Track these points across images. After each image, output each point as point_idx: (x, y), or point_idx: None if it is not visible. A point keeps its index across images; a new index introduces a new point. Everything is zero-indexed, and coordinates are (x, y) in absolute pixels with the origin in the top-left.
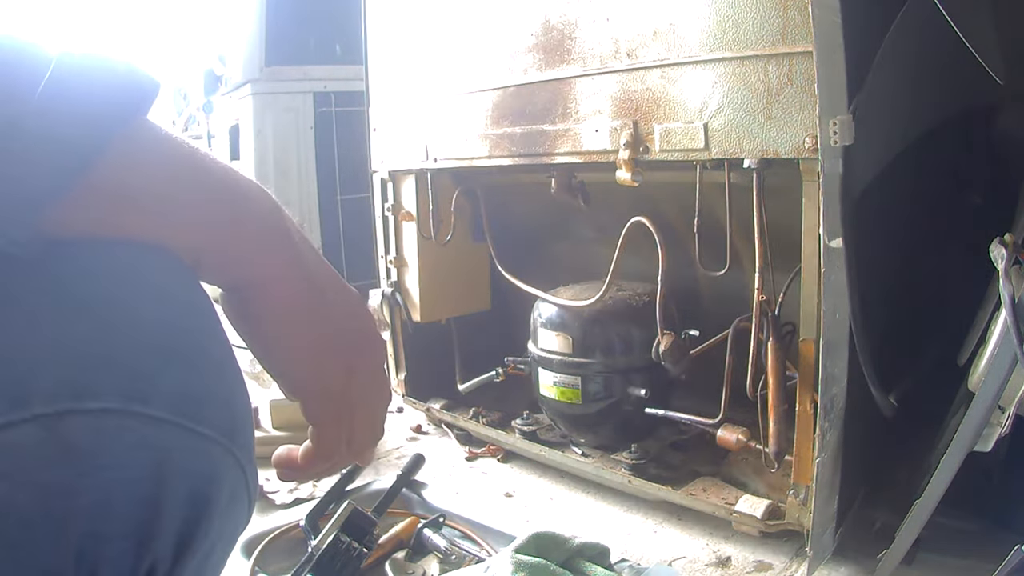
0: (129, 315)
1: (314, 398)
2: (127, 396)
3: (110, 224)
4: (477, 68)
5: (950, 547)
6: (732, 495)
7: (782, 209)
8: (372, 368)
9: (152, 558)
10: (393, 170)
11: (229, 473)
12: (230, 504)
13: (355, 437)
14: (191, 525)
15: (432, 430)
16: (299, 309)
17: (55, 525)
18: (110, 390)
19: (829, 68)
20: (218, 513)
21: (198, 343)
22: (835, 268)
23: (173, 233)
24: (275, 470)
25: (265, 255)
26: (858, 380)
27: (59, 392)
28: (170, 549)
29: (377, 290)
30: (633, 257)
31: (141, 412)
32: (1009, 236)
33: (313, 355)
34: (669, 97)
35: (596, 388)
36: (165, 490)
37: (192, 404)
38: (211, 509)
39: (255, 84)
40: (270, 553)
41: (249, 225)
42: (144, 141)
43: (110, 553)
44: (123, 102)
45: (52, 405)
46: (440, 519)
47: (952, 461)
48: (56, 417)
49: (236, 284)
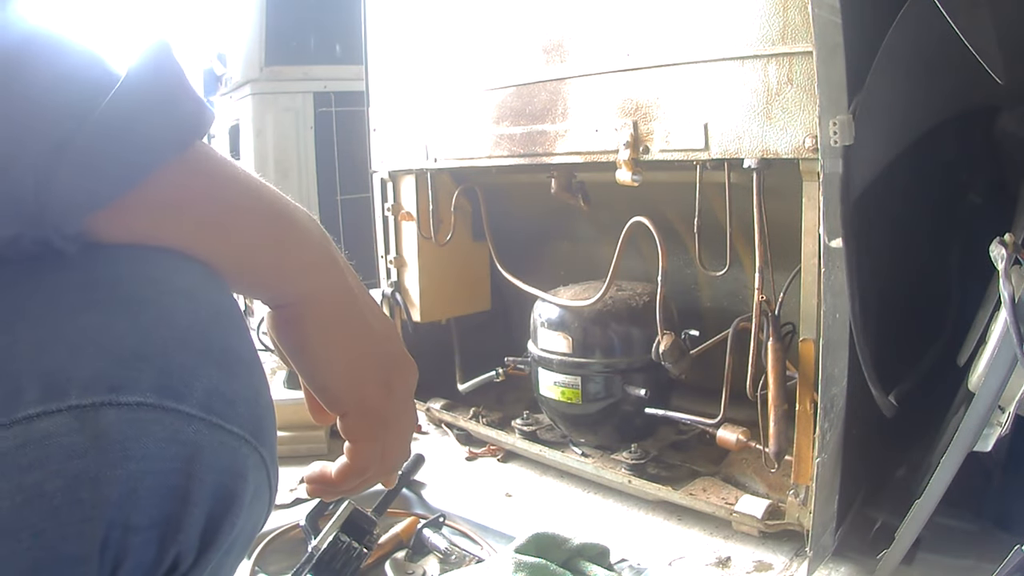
0: (165, 316)
1: (354, 413)
2: (161, 392)
3: (153, 235)
4: (477, 68)
5: (950, 547)
6: (732, 495)
7: (782, 209)
8: (407, 388)
9: (177, 550)
10: (393, 170)
11: (254, 471)
12: (253, 501)
13: (387, 454)
14: (216, 520)
15: (432, 430)
16: (344, 326)
17: (83, 514)
18: (145, 386)
19: (829, 68)
20: (243, 509)
21: (228, 345)
22: (835, 268)
23: (215, 249)
24: (306, 486)
25: (313, 275)
26: (858, 380)
27: (95, 385)
28: (195, 542)
29: (377, 290)
30: (633, 257)
31: (174, 408)
32: (1009, 236)
33: (355, 371)
34: (669, 97)
35: (596, 388)
36: (193, 484)
37: (222, 403)
38: (236, 505)
39: (255, 84)
40: (270, 553)
41: (297, 247)
42: (197, 163)
43: (136, 543)
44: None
45: (88, 397)
46: (440, 519)
47: (952, 461)
48: (91, 409)
49: (285, 300)
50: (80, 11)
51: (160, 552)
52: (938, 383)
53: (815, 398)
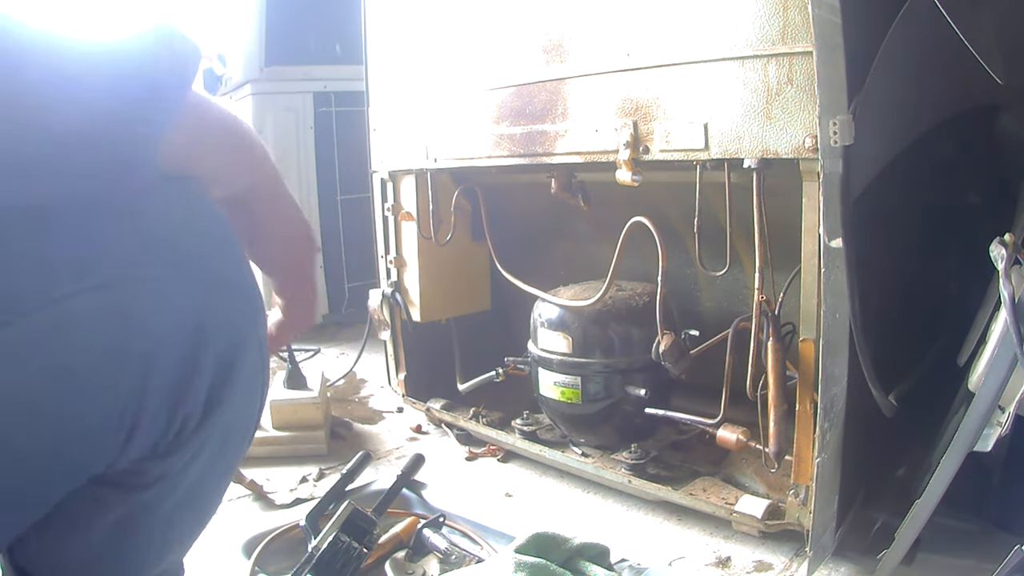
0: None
1: (289, 274)
2: (177, 271)
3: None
4: (477, 68)
5: (950, 547)
6: (732, 495)
7: (782, 209)
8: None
9: (184, 414)
10: (393, 170)
11: (250, 348)
12: (251, 378)
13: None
14: (218, 387)
15: (432, 430)
16: (279, 206)
17: (107, 386)
18: (163, 266)
19: (829, 68)
20: (240, 381)
21: (230, 243)
22: (835, 268)
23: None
24: None
25: (260, 172)
26: (858, 380)
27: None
28: (200, 406)
29: (377, 290)
30: (633, 257)
31: (187, 287)
32: (1009, 236)
33: (289, 241)
34: (669, 97)
35: (596, 388)
36: (200, 352)
37: (226, 286)
38: (235, 375)
39: (255, 84)
40: (270, 553)
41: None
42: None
43: (150, 409)
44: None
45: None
46: (440, 519)
47: (952, 461)
48: (114, 284)
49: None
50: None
51: (170, 416)
52: (938, 383)
53: (815, 398)
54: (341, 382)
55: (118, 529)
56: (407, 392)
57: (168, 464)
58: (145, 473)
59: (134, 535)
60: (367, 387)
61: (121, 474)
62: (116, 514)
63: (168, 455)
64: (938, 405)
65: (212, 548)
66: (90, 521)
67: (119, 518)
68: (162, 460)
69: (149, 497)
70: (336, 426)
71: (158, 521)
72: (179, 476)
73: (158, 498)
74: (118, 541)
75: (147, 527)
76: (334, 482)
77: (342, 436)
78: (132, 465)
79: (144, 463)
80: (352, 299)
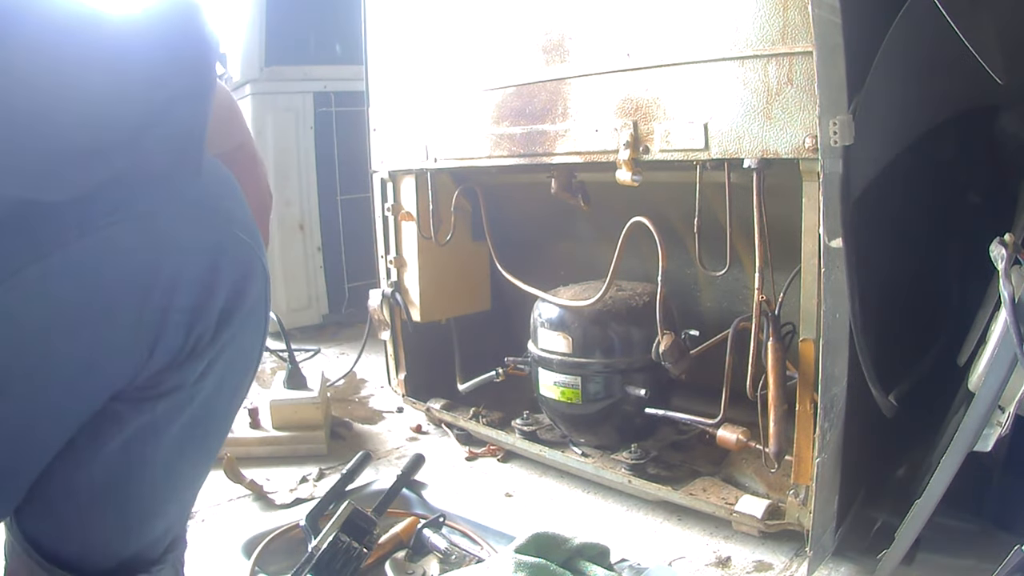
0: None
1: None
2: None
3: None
4: (477, 68)
5: (950, 547)
6: (732, 495)
7: (782, 209)
8: None
9: (200, 329)
10: (393, 170)
11: (258, 278)
12: (255, 304)
13: None
14: (229, 310)
15: (432, 430)
16: (254, 165)
17: (138, 300)
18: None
19: (829, 68)
20: (248, 305)
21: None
22: (835, 268)
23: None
24: None
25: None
26: (858, 380)
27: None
28: (213, 324)
29: (377, 290)
30: (633, 257)
31: (210, 216)
32: (1009, 236)
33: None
34: (669, 97)
35: (596, 388)
36: (217, 276)
37: (236, 223)
38: (244, 300)
39: (255, 84)
40: (270, 553)
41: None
42: None
43: (171, 325)
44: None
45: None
46: (440, 519)
47: (952, 461)
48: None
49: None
50: None
51: (188, 331)
52: (938, 383)
53: (815, 398)
54: (341, 382)
55: (127, 450)
56: (407, 392)
57: (183, 375)
58: (161, 383)
59: (140, 460)
60: (367, 387)
61: (138, 389)
62: (128, 431)
63: (183, 365)
64: (938, 405)
65: (212, 548)
66: (104, 440)
67: (129, 437)
68: (178, 371)
69: (160, 411)
70: (336, 426)
71: (164, 447)
72: (189, 391)
73: (167, 416)
74: (127, 466)
75: (154, 451)
76: (334, 482)
77: (342, 436)
78: (149, 379)
79: (161, 374)
80: (352, 299)
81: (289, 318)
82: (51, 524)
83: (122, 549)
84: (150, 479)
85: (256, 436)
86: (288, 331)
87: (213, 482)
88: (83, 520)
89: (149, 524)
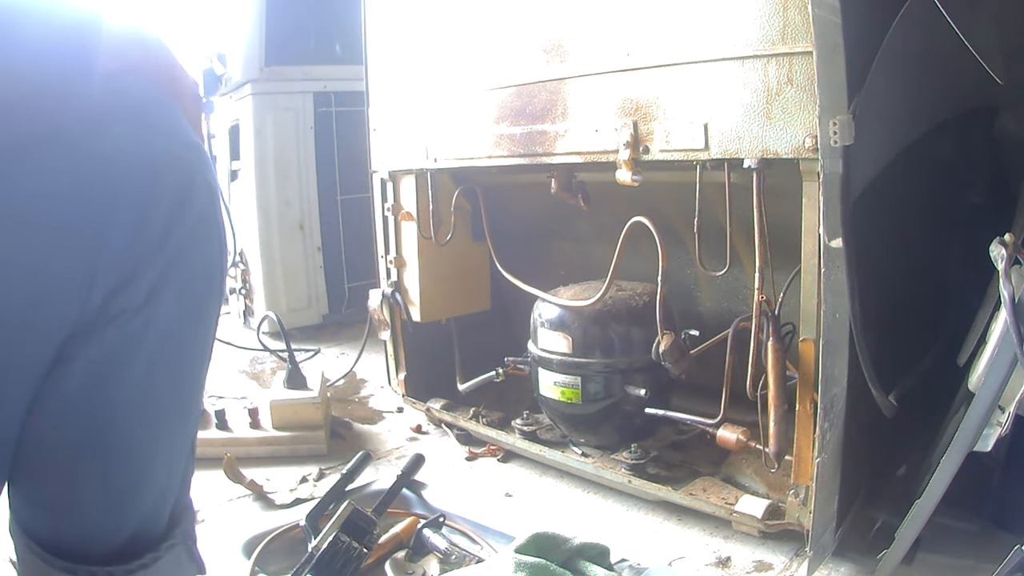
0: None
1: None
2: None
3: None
4: (477, 68)
5: (950, 547)
6: (732, 495)
7: (782, 209)
8: None
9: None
10: (393, 170)
11: (200, 190)
12: (203, 220)
13: None
14: (170, 224)
15: (432, 430)
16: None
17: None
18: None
19: (829, 68)
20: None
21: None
22: (835, 268)
23: None
24: None
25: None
26: (858, 380)
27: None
28: (154, 240)
29: (377, 290)
30: (633, 257)
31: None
32: (1009, 236)
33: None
34: (669, 97)
35: (596, 388)
36: (156, 191)
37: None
38: (186, 213)
39: (255, 84)
40: (270, 553)
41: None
42: None
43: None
44: None
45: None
46: (440, 519)
47: (952, 461)
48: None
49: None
50: None
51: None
52: (938, 383)
53: (815, 398)
54: (341, 382)
55: (90, 393)
56: (407, 392)
57: (127, 296)
58: (107, 309)
59: (107, 404)
60: (367, 387)
61: (87, 322)
62: (83, 367)
63: (127, 287)
64: (938, 405)
65: (212, 548)
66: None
67: (89, 378)
68: (122, 293)
69: (112, 339)
70: (336, 426)
71: (129, 385)
72: (141, 314)
73: (124, 347)
74: (94, 414)
75: (119, 391)
76: (334, 482)
77: (342, 436)
78: (97, 309)
79: (107, 301)
80: (352, 299)
81: (289, 318)
82: (41, 508)
83: (119, 523)
84: (125, 427)
85: (256, 436)
86: (288, 331)
87: (213, 482)
88: (69, 491)
89: (140, 488)
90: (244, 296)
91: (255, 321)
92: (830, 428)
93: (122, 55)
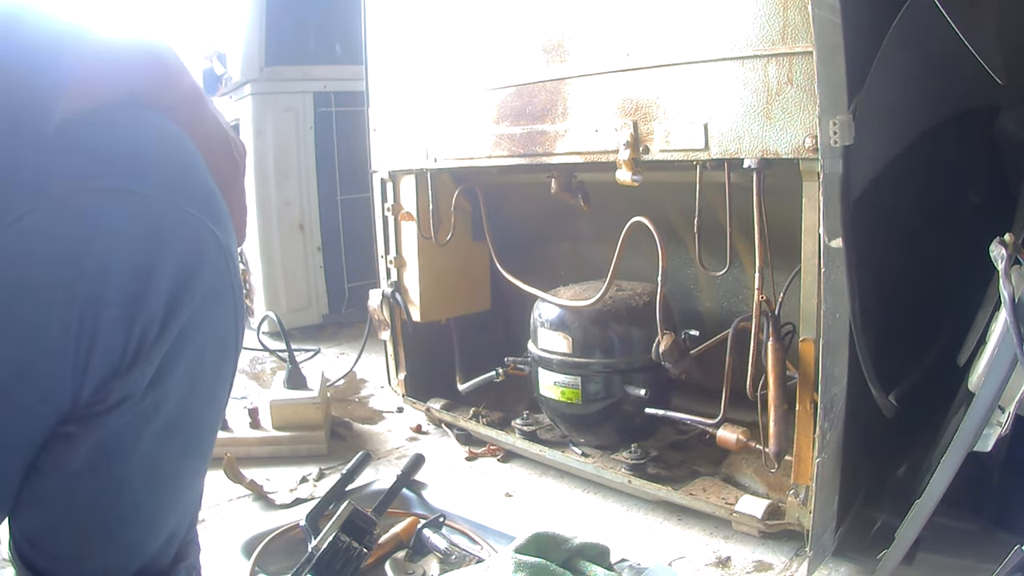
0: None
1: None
2: (128, 178)
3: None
4: (477, 68)
5: (950, 547)
6: (732, 495)
7: (782, 209)
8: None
9: (143, 322)
10: (393, 170)
11: (211, 251)
12: (215, 286)
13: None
14: (177, 298)
15: (432, 430)
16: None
17: (63, 294)
18: (115, 175)
19: (829, 68)
20: (203, 289)
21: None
22: (835, 268)
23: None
24: None
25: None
26: (858, 380)
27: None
28: (159, 313)
29: (377, 290)
30: (633, 257)
31: (140, 190)
32: (1009, 236)
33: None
34: (669, 97)
35: (596, 388)
36: (156, 258)
37: (183, 191)
38: (195, 283)
39: (255, 84)
40: (270, 553)
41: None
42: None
43: (105, 320)
44: None
45: (64, 189)
46: (440, 519)
47: (952, 461)
48: (67, 198)
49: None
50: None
51: (129, 326)
52: (938, 383)
53: (815, 398)
54: (341, 382)
55: (95, 472)
56: (407, 392)
57: (130, 383)
58: (108, 396)
59: (114, 481)
60: (367, 387)
61: (85, 405)
62: (86, 452)
63: (129, 371)
64: (938, 405)
65: (212, 548)
66: (65, 463)
67: (92, 458)
68: (124, 378)
69: (116, 424)
70: (336, 426)
71: (136, 463)
72: (148, 398)
73: (129, 430)
74: (101, 489)
75: (125, 469)
76: (334, 482)
77: (342, 436)
78: (95, 391)
79: (107, 384)
80: (352, 299)
81: (289, 318)
82: (43, 551)
83: (124, 567)
84: (131, 499)
85: (256, 436)
86: (288, 331)
87: (213, 482)
88: (74, 542)
89: (147, 540)
90: (244, 296)
91: (255, 321)
92: (830, 428)
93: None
